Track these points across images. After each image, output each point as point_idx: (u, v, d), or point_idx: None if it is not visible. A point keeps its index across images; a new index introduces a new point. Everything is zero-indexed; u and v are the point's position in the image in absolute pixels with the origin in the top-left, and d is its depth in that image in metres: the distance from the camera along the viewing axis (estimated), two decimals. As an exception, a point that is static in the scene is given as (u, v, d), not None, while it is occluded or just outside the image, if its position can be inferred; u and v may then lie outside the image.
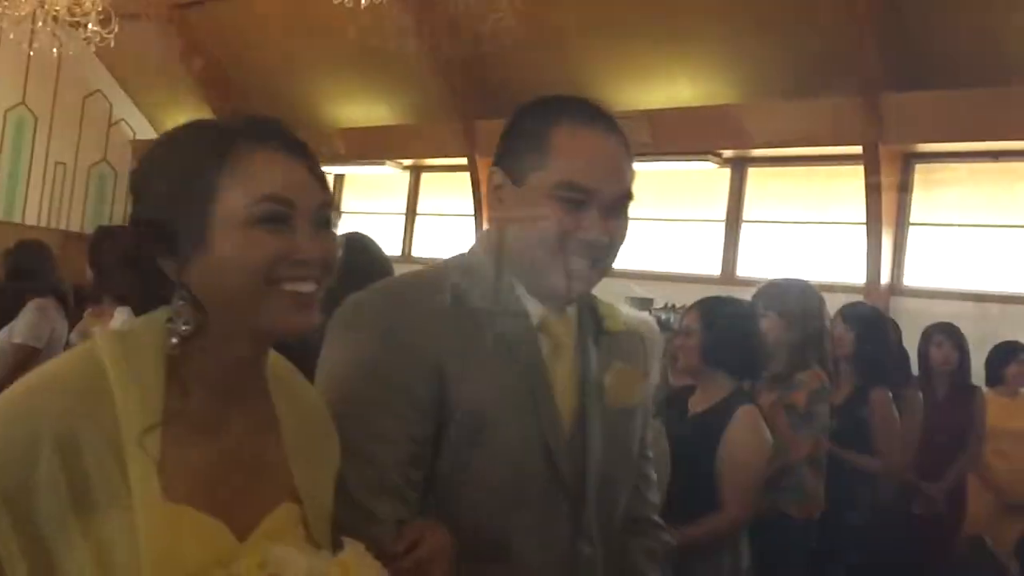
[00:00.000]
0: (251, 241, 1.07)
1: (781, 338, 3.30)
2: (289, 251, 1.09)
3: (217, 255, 1.08)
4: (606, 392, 1.48)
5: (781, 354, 3.31)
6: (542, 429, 1.39)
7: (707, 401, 2.70)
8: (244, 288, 1.08)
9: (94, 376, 1.03)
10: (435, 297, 1.42)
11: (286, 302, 1.09)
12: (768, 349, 3.11)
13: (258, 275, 1.07)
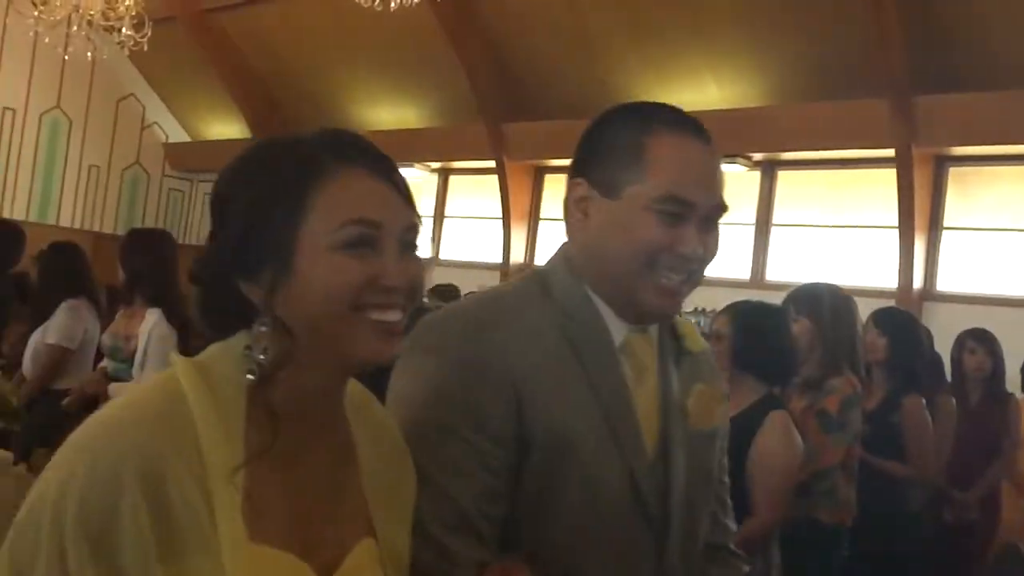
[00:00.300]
0: (337, 267, 1.02)
1: (813, 343, 3.27)
2: (376, 277, 1.03)
3: (301, 280, 1.02)
4: (689, 415, 1.43)
5: (813, 359, 3.27)
6: (626, 458, 1.33)
7: (737, 406, 2.67)
8: (328, 316, 1.02)
9: (177, 411, 0.98)
10: (513, 319, 1.35)
11: (371, 331, 1.04)
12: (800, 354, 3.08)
13: (343, 303, 1.02)
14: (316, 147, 1.08)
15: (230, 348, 1.06)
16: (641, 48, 8.37)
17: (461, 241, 10.51)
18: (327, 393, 1.10)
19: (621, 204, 1.35)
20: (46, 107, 11.98)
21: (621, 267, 1.35)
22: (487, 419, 1.27)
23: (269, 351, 1.02)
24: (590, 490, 1.30)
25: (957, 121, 7.05)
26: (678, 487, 1.39)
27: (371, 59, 10.13)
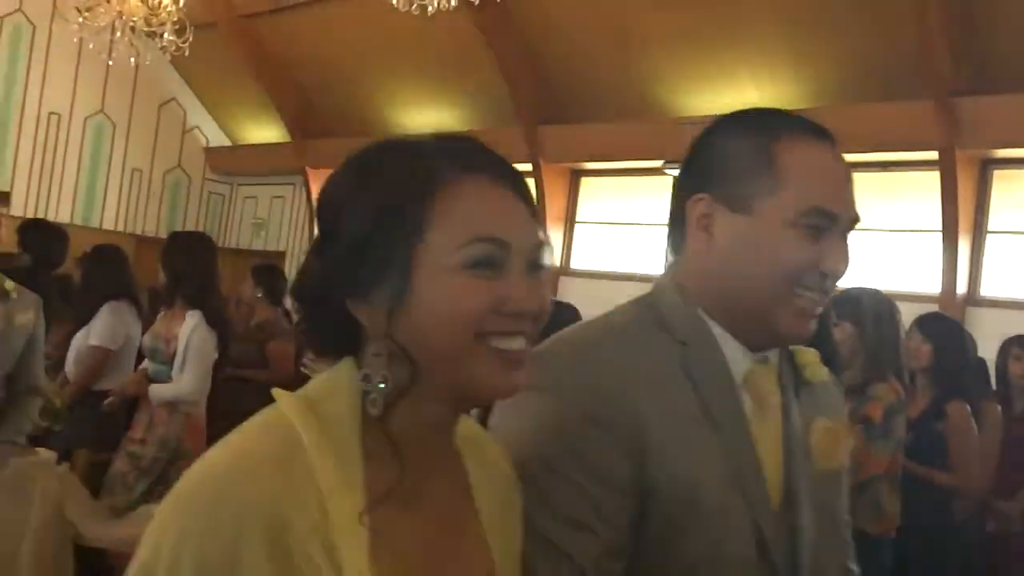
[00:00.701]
0: (460, 289, 0.92)
1: (855, 348, 3.22)
2: (502, 301, 0.93)
3: (419, 304, 0.92)
4: (814, 453, 1.31)
5: (855, 365, 3.22)
6: (751, 505, 1.22)
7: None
8: (448, 343, 0.92)
9: (293, 456, 0.89)
10: (632, 354, 1.22)
11: (494, 361, 0.94)
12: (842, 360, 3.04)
13: (466, 330, 0.92)
14: (437, 154, 0.98)
15: (338, 380, 0.96)
16: (678, 50, 8.32)
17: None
18: (442, 427, 1.00)
19: (754, 220, 1.23)
20: (90, 112, 12.20)
21: (758, 289, 1.23)
22: (608, 468, 1.15)
23: (388, 380, 0.93)
24: (713, 540, 1.19)
25: (1001, 123, 6.91)
26: (806, 535, 1.27)
27: (408, 63, 10.18)
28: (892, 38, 7.20)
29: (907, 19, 6.97)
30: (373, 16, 9.26)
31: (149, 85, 12.43)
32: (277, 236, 12.69)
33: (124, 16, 7.71)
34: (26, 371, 3.09)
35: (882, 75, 7.39)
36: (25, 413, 3.12)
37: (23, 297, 3.04)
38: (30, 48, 11.58)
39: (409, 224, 0.93)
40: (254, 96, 11.94)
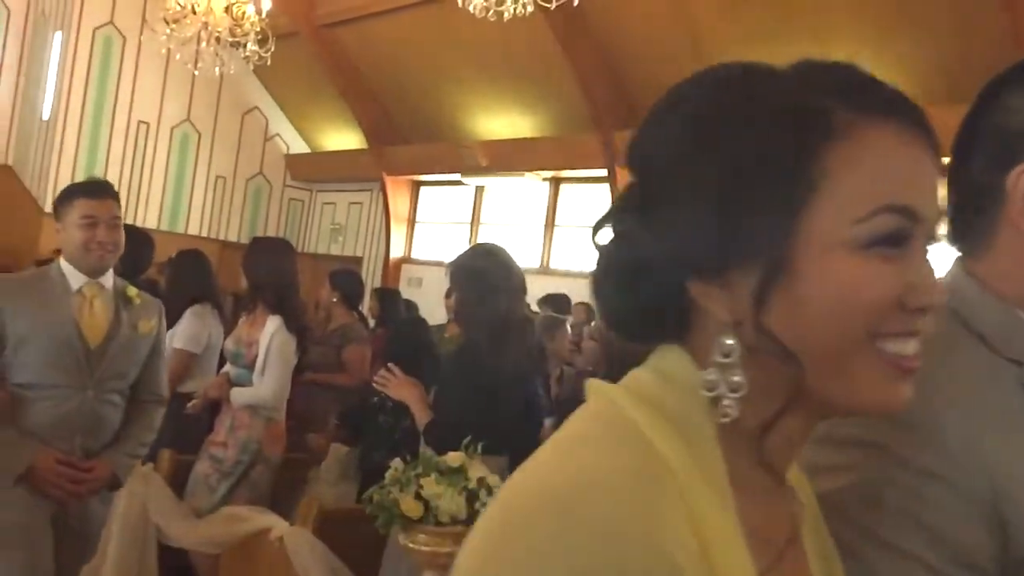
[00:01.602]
0: (859, 272, 0.70)
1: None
2: (909, 291, 0.71)
3: (799, 289, 0.70)
4: None
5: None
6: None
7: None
8: (837, 342, 0.71)
9: (657, 474, 0.67)
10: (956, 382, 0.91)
11: (887, 369, 0.72)
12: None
13: (862, 325, 0.71)
14: (824, 92, 0.75)
15: (673, 377, 0.75)
16: (755, 54, 7.95)
17: (572, 250, 10.47)
18: (796, 445, 0.78)
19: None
20: (177, 121, 12.57)
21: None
22: (958, 545, 0.87)
23: (743, 385, 0.72)
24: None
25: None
26: None
27: (483, 69, 10.23)
28: (980, 38, 6.95)
29: (994, 17, 6.72)
30: (450, 23, 9.33)
31: (233, 94, 12.76)
32: (354, 241, 12.88)
33: (209, 27, 7.93)
34: (150, 379, 2.97)
35: (969, 76, 7.12)
36: (149, 425, 2.97)
37: (146, 303, 2.96)
38: (120, 59, 12.00)
39: (791, 183, 0.70)
40: (333, 104, 12.14)
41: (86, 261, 2.75)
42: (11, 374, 2.69)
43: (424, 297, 8.30)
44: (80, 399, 2.71)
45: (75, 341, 2.71)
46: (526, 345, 3.03)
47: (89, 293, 2.78)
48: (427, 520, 2.11)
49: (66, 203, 2.78)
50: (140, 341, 2.87)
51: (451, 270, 3.11)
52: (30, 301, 2.72)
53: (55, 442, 2.67)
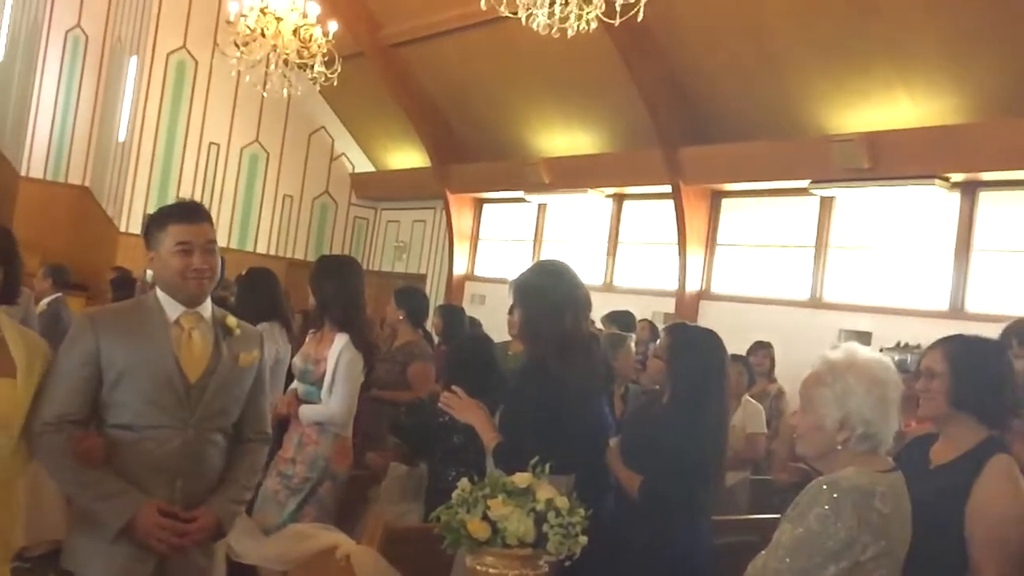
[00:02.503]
0: None
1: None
2: None
3: None
4: None
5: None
6: None
7: (954, 451, 2.43)
8: None
9: None
10: None
11: None
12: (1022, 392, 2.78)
13: None
14: None
15: None
16: (825, 65, 8.02)
17: (635, 267, 10.38)
18: None
19: None
20: (246, 142, 12.85)
21: None
22: None
23: None
24: None
25: None
26: None
27: (546, 86, 10.24)
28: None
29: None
30: (512, 41, 9.37)
31: (300, 115, 13.00)
32: (418, 259, 12.97)
33: (278, 50, 8.08)
34: (253, 416, 2.72)
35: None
36: (254, 466, 2.73)
37: (246, 333, 2.70)
38: (192, 82, 12.33)
39: None
40: (397, 123, 12.28)
41: (183, 290, 2.54)
42: (108, 415, 2.49)
43: (487, 314, 8.30)
44: (181, 440, 2.49)
45: (175, 376, 2.49)
46: (592, 362, 2.99)
47: (187, 324, 2.56)
48: (494, 542, 2.09)
49: (158, 229, 2.57)
50: (242, 374, 2.63)
51: (514, 287, 3.09)
52: (127, 334, 2.51)
53: (154, 488, 2.46)
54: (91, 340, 2.48)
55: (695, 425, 3.15)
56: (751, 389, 5.65)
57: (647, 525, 3.10)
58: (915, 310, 7.78)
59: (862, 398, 2.13)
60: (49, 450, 2.43)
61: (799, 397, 2.27)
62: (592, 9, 5.93)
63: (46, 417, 2.43)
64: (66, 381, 2.47)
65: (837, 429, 2.13)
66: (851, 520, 2.01)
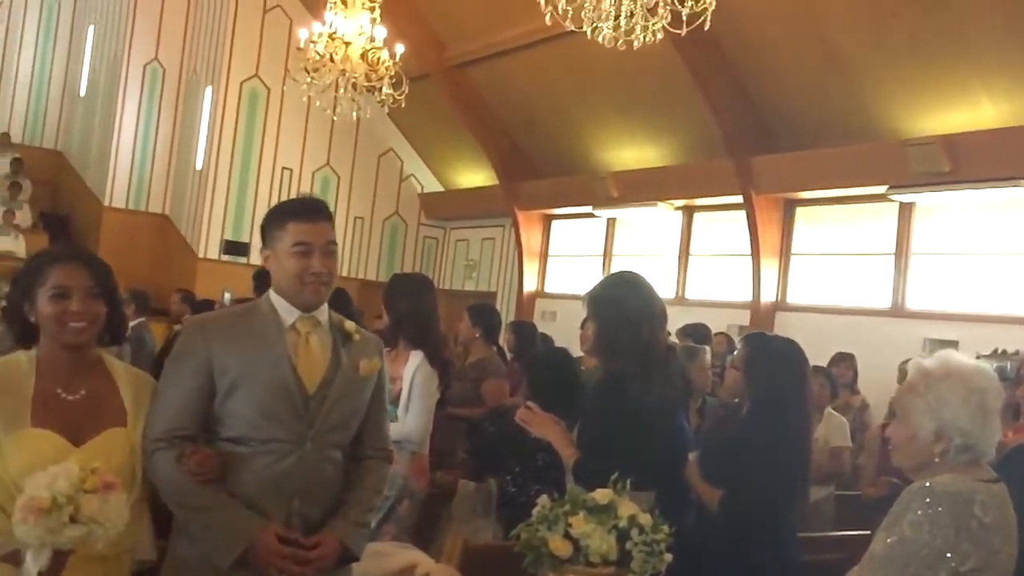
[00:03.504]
0: None
1: None
2: None
3: None
4: None
5: None
6: None
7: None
8: None
9: None
10: None
11: None
12: None
13: None
14: None
15: None
16: (898, 66, 7.81)
17: (708, 279, 10.24)
18: None
19: None
20: (318, 165, 13.09)
21: None
22: None
23: None
24: None
25: None
26: None
27: (612, 100, 10.20)
28: None
29: None
30: (577, 56, 9.36)
31: (369, 138, 13.20)
32: (488, 277, 13.01)
33: (347, 73, 8.21)
34: (373, 431, 2.49)
35: None
36: (376, 486, 2.48)
37: (366, 339, 2.49)
38: (265, 109, 12.62)
39: None
40: (465, 142, 12.37)
41: (300, 295, 2.34)
42: (219, 428, 2.30)
43: (558, 330, 8.26)
44: (298, 456, 2.29)
45: (292, 385, 2.30)
46: (670, 375, 2.93)
47: (304, 329, 2.36)
48: (577, 560, 2.05)
49: (276, 227, 2.37)
50: (361, 384, 2.41)
51: (588, 300, 3.05)
52: (239, 340, 2.32)
53: (268, 508, 2.26)
54: (201, 348, 2.31)
55: (776, 437, 3.07)
56: (834, 402, 5.50)
57: (729, 541, 3.02)
58: (1004, 316, 7.49)
59: (958, 408, 2.04)
60: (162, 469, 2.23)
61: (893, 407, 2.20)
62: (658, 20, 5.89)
63: (157, 433, 2.25)
64: (176, 393, 2.29)
65: (933, 440, 2.05)
66: (947, 527, 1.92)
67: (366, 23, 8.30)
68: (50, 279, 2.17)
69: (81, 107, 14.95)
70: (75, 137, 15.08)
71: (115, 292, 2.28)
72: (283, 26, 12.33)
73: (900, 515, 1.98)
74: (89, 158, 14.25)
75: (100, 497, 1.92)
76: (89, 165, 14.20)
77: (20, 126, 15.46)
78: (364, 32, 8.25)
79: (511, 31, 10.17)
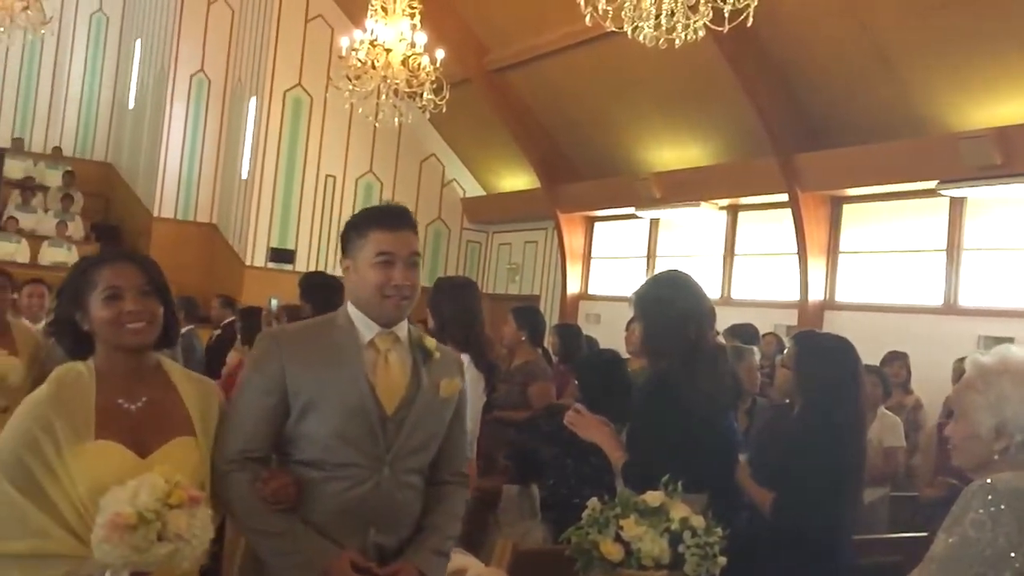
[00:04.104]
0: None
1: None
2: None
3: None
4: None
5: None
6: None
7: None
8: None
9: None
10: None
11: None
12: None
13: None
14: None
15: None
16: (947, 59, 7.65)
17: (754, 279, 10.12)
18: None
19: None
20: (361, 172, 13.20)
21: None
22: None
23: None
24: None
25: None
26: None
27: (653, 100, 10.13)
28: None
29: None
30: (617, 56, 9.32)
31: (411, 143, 13.27)
32: (531, 280, 13.00)
33: (388, 80, 8.27)
34: (452, 455, 2.35)
35: None
36: (455, 513, 2.33)
37: (446, 357, 2.35)
38: (308, 118, 12.76)
39: None
40: (506, 146, 12.38)
41: (381, 309, 2.19)
42: (292, 450, 2.19)
43: (603, 333, 8.22)
44: (375, 481, 2.15)
45: (370, 406, 2.16)
46: (720, 375, 2.89)
47: (383, 346, 2.22)
48: (629, 564, 2.03)
49: (357, 235, 2.23)
50: (443, 405, 2.27)
51: (635, 300, 3.02)
52: (315, 356, 2.19)
53: (343, 536, 2.13)
54: (276, 363, 2.18)
55: (828, 437, 3.01)
56: (887, 401, 5.39)
57: (782, 544, 2.97)
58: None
59: (1018, 404, 1.99)
60: (235, 491, 2.12)
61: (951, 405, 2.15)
62: (699, 18, 5.83)
63: (230, 453, 2.13)
64: (250, 411, 2.17)
65: (994, 438, 2.00)
66: (1010, 526, 1.86)
67: (407, 29, 8.36)
68: (100, 281, 2.04)
69: (130, 120, 15.26)
70: (124, 149, 15.40)
71: (167, 290, 2.14)
72: (325, 35, 12.46)
73: (961, 515, 1.93)
74: (138, 169, 14.53)
75: (187, 512, 1.81)
76: (138, 176, 14.48)
77: (71, 140, 15.85)
78: (405, 38, 8.31)
79: (551, 34, 10.16)
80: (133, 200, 14.44)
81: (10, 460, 1.92)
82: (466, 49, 11.34)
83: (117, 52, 15.97)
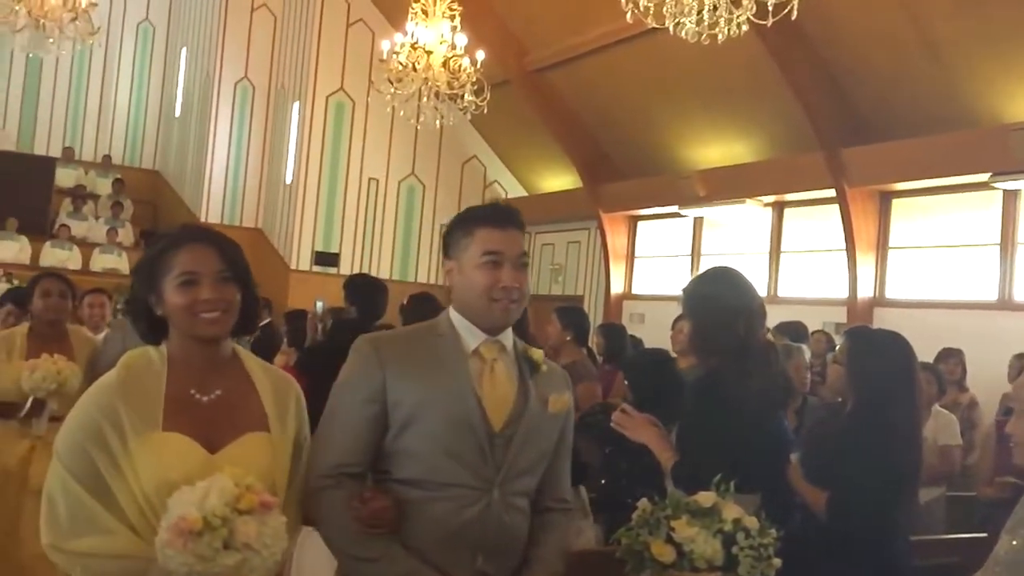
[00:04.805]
0: None
1: None
2: None
3: None
4: None
5: None
6: None
7: None
8: None
9: None
10: None
11: None
12: None
13: None
14: None
15: None
16: (994, 48, 7.48)
17: (801, 276, 9.97)
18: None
19: None
20: (403, 175, 13.27)
21: None
22: None
23: None
24: None
25: None
26: None
27: (696, 96, 10.04)
28: None
29: None
30: (658, 54, 9.25)
31: (452, 145, 13.31)
32: (574, 280, 12.96)
33: (429, 82, 8.30)
34: (555, 479, 2.16)
35: None
36: (561, 544, 2.13)
37: (553, 371, 2.17)
38: (351, 122, 12.87)
39: None
40: (547, 146, 12.35)
41: (488, 313, 2.02)
42: (392, 466, 2.00)
43: (648, 332, 8.16)
44: (484, 504, 1.97)
45: (477, 421, 1.98)
46: (771, 373, 2.83)
47: (489, 356, 2.05)
48: (681, 566, 1.99)
49: (463, 233, 2.06)
50: (551, 423, 2.10)
51: (684, 298, 2.98)
52: (417, 365, 2.01)
53: (449, 564, 1.95)
54: (376, 371, 2.01)
55: (883, 435, 2.93)
56: (942, 399, 5.27)
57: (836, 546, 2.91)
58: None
59: (1085, 400, 1.92)
60: (328, 511, 1.96)
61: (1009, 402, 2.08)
62: (742, 12, 5.76)
63: (324, 468, 1.97)
64: (348, 421, 2.00)
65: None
66: None
67: (447, 31, 8.38)
68: (176, 266, 1.89)
69: (176, 127, 15.51)
70: (172, 156, 15.65)
71: (248, 272, 1.99)
72: (366, 39, 12.55)
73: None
74: (185, 176, 14.76)
75: (257, 519, 1.65)
76: (185, 183, 14.71)
77: (120, 148, 16.14)
78: (445, 40, 8.33)
79: (591, 32, 10.11)
80: (180, 206, 14.67)
81: (74, 451, 1.81)
82: (506, 50, 11.34)
83: (163, 61, 16.24)
